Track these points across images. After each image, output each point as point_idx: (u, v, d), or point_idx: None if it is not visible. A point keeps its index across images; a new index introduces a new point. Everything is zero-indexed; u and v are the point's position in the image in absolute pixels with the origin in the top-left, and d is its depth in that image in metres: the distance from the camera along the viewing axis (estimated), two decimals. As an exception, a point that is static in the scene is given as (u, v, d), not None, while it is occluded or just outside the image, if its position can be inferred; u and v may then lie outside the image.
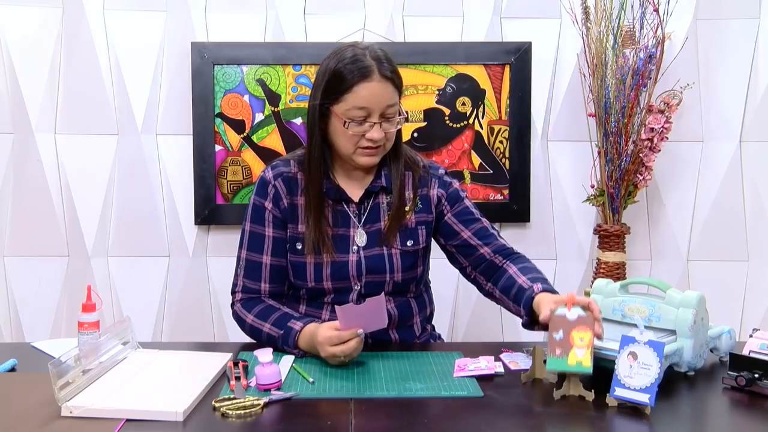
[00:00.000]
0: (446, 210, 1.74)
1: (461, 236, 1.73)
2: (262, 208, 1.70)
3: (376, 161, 1.66)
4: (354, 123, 1.58)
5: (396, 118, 1.63)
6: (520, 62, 2.54)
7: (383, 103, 1.58)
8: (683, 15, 2.49)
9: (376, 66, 1.58)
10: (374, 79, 1.57)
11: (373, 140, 1.60)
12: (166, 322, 2.62)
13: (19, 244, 2.57)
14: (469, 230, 1.73)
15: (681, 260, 2.63)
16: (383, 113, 1.59)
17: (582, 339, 1.29)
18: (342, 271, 1.68)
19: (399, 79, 1.63)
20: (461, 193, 1.77)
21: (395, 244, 1.70)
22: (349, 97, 1.57)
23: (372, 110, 1.58)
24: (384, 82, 1.58)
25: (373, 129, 1.59)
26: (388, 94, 1.59)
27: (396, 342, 1.73)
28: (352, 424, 1.22)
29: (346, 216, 1.70)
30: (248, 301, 1.70)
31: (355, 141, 1.61)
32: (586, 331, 1.30)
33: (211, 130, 2.52)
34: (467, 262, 1.74)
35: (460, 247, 1.74)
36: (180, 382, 1.38)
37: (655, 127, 2.38)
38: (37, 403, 1.30)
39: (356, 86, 1.56)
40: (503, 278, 1.66)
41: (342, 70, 1.58)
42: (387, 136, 1.62)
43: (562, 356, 1.30)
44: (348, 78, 1.57)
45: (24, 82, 2.51)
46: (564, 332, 1.31)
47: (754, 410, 1.31)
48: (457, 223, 1.73)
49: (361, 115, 1.58)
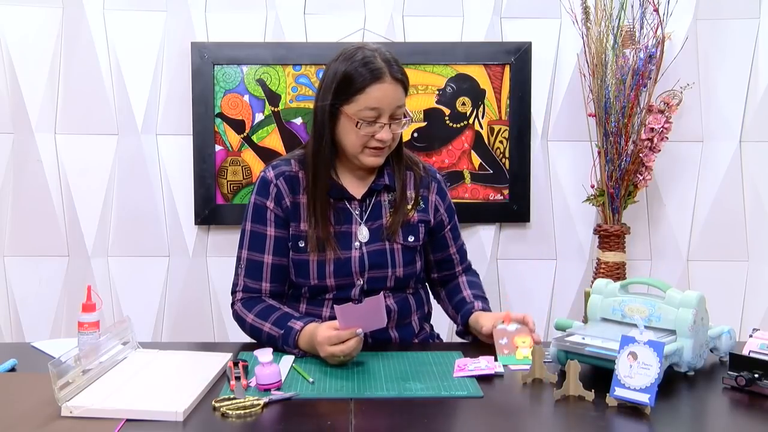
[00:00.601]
0: (446, 223, 1.82)
1: (449, 251, 1.84)
2: (263, 208, 1.71)
3: (381, 161, 1.69)
4: (365, 123, 1.61)
5: (403, 120, 1.66)
6: (520, 62, 2.54)
7: (393, 105, 1.62)
8: (683, 15, 2.49)
9: (387, 68, 1.61)
10: (386, 81, 1.60)
11: (383, 141, 1.63)
12: (166, 322, 2.62)
13: (19, 244, 2.57)
14: (455, 246, 1.85)
15: (681, 260, 2.63)
16: (392, 114, 1.63)
17: (524, 341, 1.58)
18: (345, 267, 1.68)
19: (407, 80, 1.67)
20: (453, 207, 1.86)
21: (397, 238, 1.72)
22: (361, 98, 1.60)
23: (383, 111, 1.61)
24: (395, 84, 1.62)
25: (383, 130, 1.62)
26: (398, 95, 1.63)
27: (396, 341, 1.73)
28: (352, 424, 1.22)
29: (348, 213, 1.71)
30: (249, 300, 1.70)
31: (364, 141, 1.64)
32: (526, 336, 1.59)
33: (211, 130, 2.52)
34: (437, 272, 1.86)
35: (442, 261, 1.85)
36: (180, 382, 1.38)
37: (655, 127, 2.38)
38: (37, 403, 1.30)
39: (368, 87, 1.60)
40: (451, 283, 1.85)
41: (353, 72, 1.60)
42: (394, 137, 1.66)
43: (510, 354, 1.57)
44: (360, 80, 1.60)
45: (24, 82, 2.51)
46: (507, 339, 1.59)
47: (754, 410, 1.31)
48: (450, 239, 1.84)
49: (372, 115, 1.61)
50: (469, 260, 1.91)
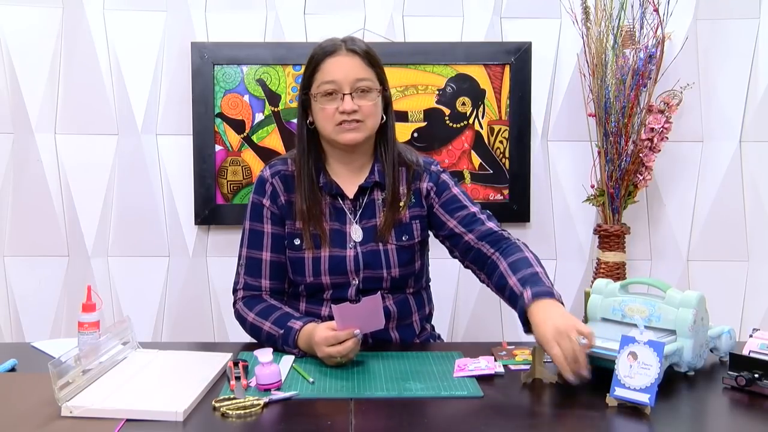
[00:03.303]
0: (435, 202, 1.75)
1: (448, 226, 1.73)
2: (260, 206, 1.73)
3: (359, 137, 1.66)
4: (324, 97, 1.64)
5: (372, 93, 1.66)
6: (520, 62, 2.54)
7: (351, 76, 1.64)
8: (683, 15, 2.49)
9: (343, 44, 1.66)
10: (340, 54, 1.65)
11: (346, 111, 1.63)
12: (166, 322, 2.62)
13: (19, 244, 2.57)
14: (455, 219, 1.72)
15: (681, 260, 2.63)
16: (354, 87, 1.64)
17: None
18: (340, 265, 1.69)
19: (372, 57, 1.67)
20: (450, 182, 1.77)
21: (390, 239, 1.71)
22: (318, 75, 1.66)
23: (340, 83, 1.63)
24: (350, 55, 1.65)
25: (345, 101, 1.63)
26: (356, 66, 1.65)
27: (396, 341, 1.73)
28: (352, 424, 1.22)
29: (342, 212, 1.72)
30: (250, 299, 1.71)
31: (331, 116, 1.65)
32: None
33: (211, 130, 2.52)
34: (457, 252, 1.75)
35: (448, 237, 1.74)
36: (180, 382, 1.38)
37: (655, 127, 2.38)
38: (37, 403, 1.30)
39: (322, 63, 1.65)
40: (495, 275, 1.61)
41: (312, 55, 1.68)
42: (363, 111, 1.65)
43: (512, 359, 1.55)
44: (316, 59, 1.67)
45: (24, 82, 2.51)
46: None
47: (754, 410, 1.31)
48: (444, 213, 1.74)
49: (330, 88, 1.64)
50: (497, 230, 1.69)
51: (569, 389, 1.40)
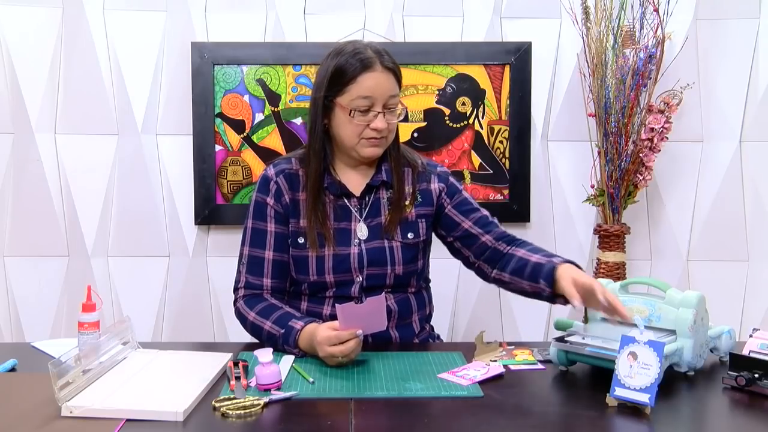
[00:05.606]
0: (446, 203, 1.78)
1: (462, 227, 1.76)
2: (264, 205, 1.72)
3: (380, 153, 1.70)
4: (359, 113, 1.63)
5: (397, 110, 1.68)
6: (520, 62, 2.54)
7: (386, 93, 1.64)
8: (683, 15, 2.49)
9: (378, 58, 1.64)
10: (377, 70, 1.63)
11: (378, 130, 1.64)
12: (166, 322, 2.62)
13: (19, 244, 2.57)
14: (470, 220, 1.76)
15: (681, 260, 2.63)
16: (386, 103, 1.64)
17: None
18: (344, 263, 1.69)
19: (399, 71, 1.69)
20: (459, 186, 1.82)
21: (396, 236, 1.72)
22: (353, 87, 1.62)
23: (376, 100, 1.63)
24: (386, 73, 1.64)
25: (377, 119, 1.63)
26: (390, 84, 1.65)
27: (396, 340, 1.73)
28: (352, 424, 1.22)
29: (347, 210, 1.72)
30: (251, 298, 1.71)
31: (360, 131, 1.65)
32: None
33: (211, 130, 2.52)
34: (470, 252, 1.77)
35: (462, 237, 1.77)
36: (180, 382, 1.38)
37: (655, 127, 2.38)
38: (37, 403, 1.30)
39: (360, 77, 1.62)
40: (512, 261, 1.68)
41: (344, 64, 1.63)
42: (389, 128, 1.67)
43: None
44: (351, 69, 1.62)
45: (24, 82, 2.51)
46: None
47: (754, 410, 1.31)
48: (457, 214, 1.77)
49: (365, 104, 1.63)
50: (511, 234, 1.76)
51: (569, 389, 1.41)
